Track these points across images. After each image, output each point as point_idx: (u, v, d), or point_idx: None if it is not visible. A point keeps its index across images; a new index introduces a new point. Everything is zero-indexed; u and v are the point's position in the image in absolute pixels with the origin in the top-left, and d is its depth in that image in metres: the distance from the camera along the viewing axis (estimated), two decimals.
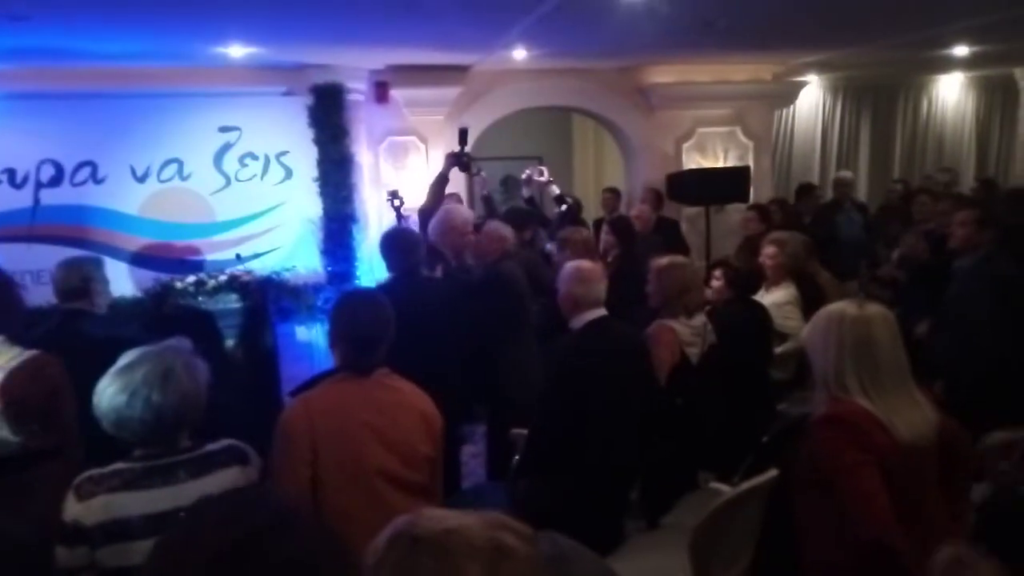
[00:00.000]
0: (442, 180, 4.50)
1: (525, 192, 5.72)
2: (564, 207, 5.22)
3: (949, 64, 7.85)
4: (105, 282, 3.24)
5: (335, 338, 2.16)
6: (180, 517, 1.70)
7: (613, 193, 7.02)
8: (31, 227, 5.45)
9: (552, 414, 2.72)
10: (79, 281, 3.12)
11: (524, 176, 5.65)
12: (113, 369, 1.76)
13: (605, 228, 5.22)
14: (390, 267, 3.57)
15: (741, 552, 2.63)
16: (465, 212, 4.16)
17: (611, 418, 2.65)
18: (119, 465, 1.75)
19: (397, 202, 5.46)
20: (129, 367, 1.75)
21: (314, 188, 5.86)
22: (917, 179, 8.27)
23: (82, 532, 1.68)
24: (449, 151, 4.89)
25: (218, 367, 3.20)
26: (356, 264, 5.99)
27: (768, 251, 4.18)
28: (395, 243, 3.55)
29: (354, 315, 2.15)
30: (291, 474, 1.98)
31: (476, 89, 6.35)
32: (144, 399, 1.71)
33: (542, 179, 5.45)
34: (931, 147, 9.12)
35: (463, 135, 4.80)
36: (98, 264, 3.33)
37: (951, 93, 9.09)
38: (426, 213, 4.26)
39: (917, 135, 9.07)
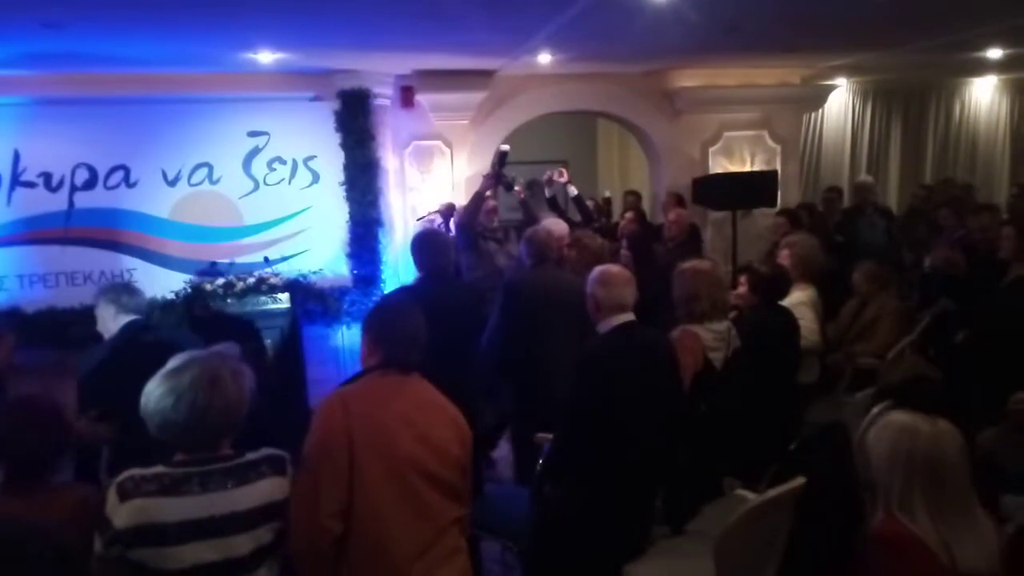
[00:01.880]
0: (479, 198, 4.89)
1: (547, 193, 5.77)
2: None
3: (982, 67, 7.71)
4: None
5: (376, 339, 2.15)
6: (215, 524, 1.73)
7: (635, 197, 7.02)
8: (66, 229, 5.58)
9: (577, 418, 2.71)
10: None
11: (545, 178, 5.78)
12: (162, 372, 1.78)
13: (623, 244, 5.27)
14: (420, 267, 3.63)
15: (767, 561, 2.60)
16: (563, 226, 4.39)
17: (636, 423, 2.64)
18: (160, 468, 1.75)
19: (438, 218, 5.59)
20: (177, 371, 1.77)
21: (341, 192, 5.92)
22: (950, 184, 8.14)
23: (115, 532, 1.70)
24: (487, 173, 5.16)
25: (260, 373, 3.25)
26: (381, 267, 6.03)
27: (781, 254, 4.19)
28: (426, 244, 3.64)
29: (398, 316, 2.19)
30: (328, 465, 1.93)
31: (501, 94, 6.37)
32: (190, 403, 1.72)
33: (562, 180, 5.59)
34: (964, 151, 8.96)
35: (503, 158, 5.04)
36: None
37: (984, 96, 8.93)
38: (462, 226, 4.77)
39: (949, 139, 8.91)
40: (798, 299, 4.00)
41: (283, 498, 1.84)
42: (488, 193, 5.04)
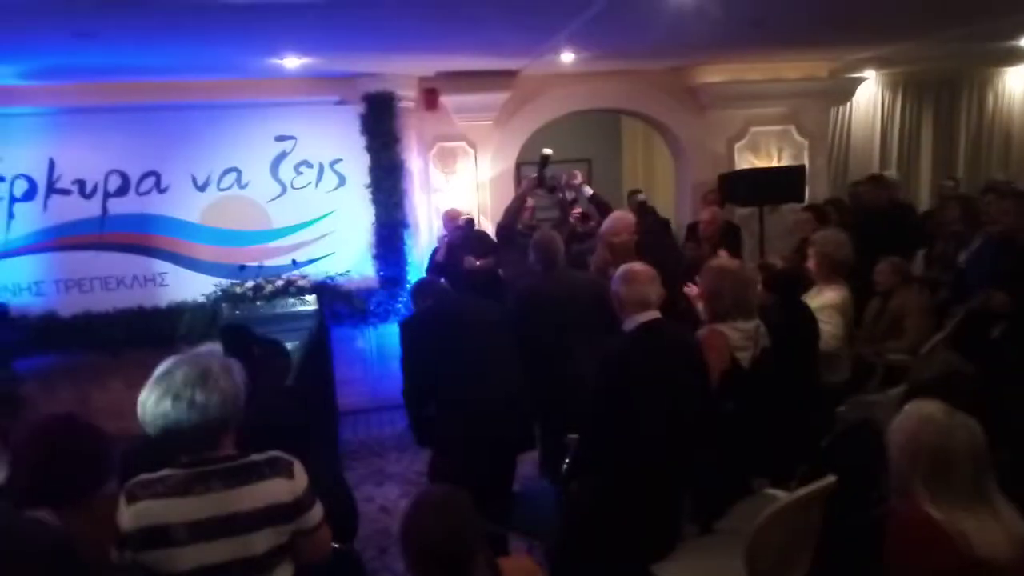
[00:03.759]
0: (521, 200, 5.07)
1: (562, 196, 5.80)
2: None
3: (1016, 56, 7.54)
4: None
5: (408, 563, 1.79)
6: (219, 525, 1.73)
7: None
8: (100, 235, 5.70)
9: (602, 417, 2.70)
10: None
11: (561, 182, 5.80)
12: (152, 379, 1.77)
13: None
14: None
15: (797, 560, 2.58)
16: (630, 217, 4.43)
17: (661, 421, 2.62)
18: (165, 471, 1.76)
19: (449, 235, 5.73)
20: (167, 373, 1.77)
21: (366, 195, 5.98)
22: (983, 178, 7.96)
23: (124, 535, 1.72)
24: (531, 176, 5.25)
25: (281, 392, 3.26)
26: (407, 268, 6.08)
27: (809, 251, 4.10)
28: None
29: (424, 523, 1.78)
30: None
31: (524, 93, 6.37)
32: (188, 400, 1.73)
33: (576, 182, 5.60)
34: (997, 143, 8.75)
35: (546, 160, 5.13)
36: None
37: (1018, 86, 8.72)
38: (505, 228, 4.95)
39: (983, 131, 8.71)
40: (826, 301, 3.90)
41: (290, 500, 1.81)
42: (583, 207, 5.28)
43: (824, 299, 3.87)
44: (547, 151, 5.19)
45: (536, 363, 3.49)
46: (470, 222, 5.89)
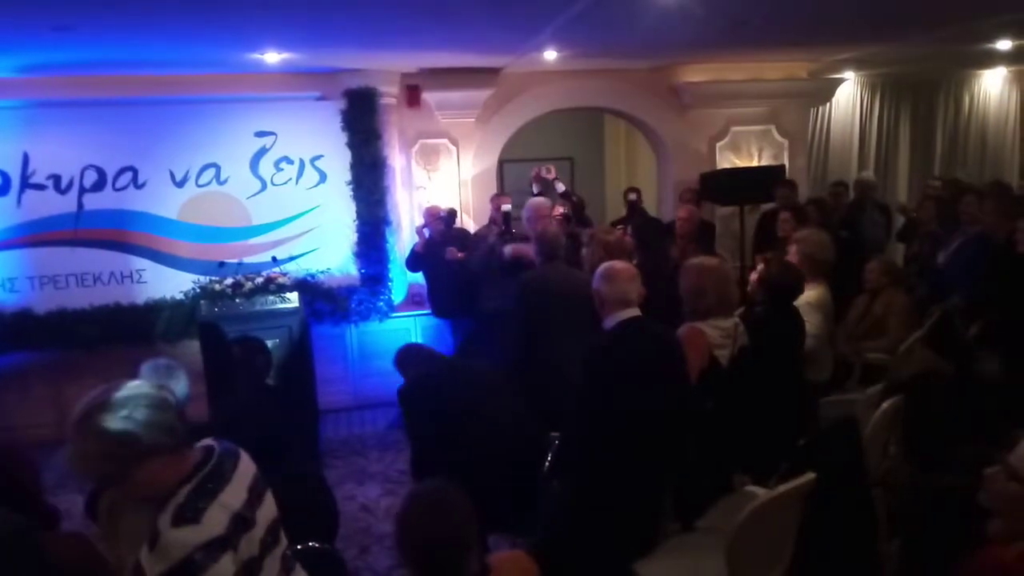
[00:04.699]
0: (491, 249, 5.04)
1: (535, 189, 5.84)
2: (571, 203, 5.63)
3: (992, 58, 7.65)
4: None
5: (404, 559, 1.80)
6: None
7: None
8: (75, 231, 5.61)
9: (583, 415, 2.70)
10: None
11: (533, 173, 5.92)
12: (117, 400, 1.58)
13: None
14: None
15: (778, 556, 2.59)
16: (545, 201, 4.72)
17: (642, 419, 2.63)
18: (193, 482, 1.64)
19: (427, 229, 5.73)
20: (135, 388, 1.63)
21: (348, 191, 5.94)
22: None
23: (222, 541, 1.59)
24: (495, 225, 5.45)
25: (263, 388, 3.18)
26: (389, 266, 6.04)
27: (790, 250, 4.13)
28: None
29: (420, 521, 1.78)
30: None
31: (507, 91, 6.36)
32: (169, 397, 1.66)
33: (549, 176, 5.73)
34: (973, 144, 8.88)
35: (507, 216, 5.28)
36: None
37: (994, 88, 8.85)
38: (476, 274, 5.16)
39: (959, 132, 8.84)
40: (806, 299, 3.94)
41: None
42: (554, 203, 5.29)
43: (805, 297, 3.91)
44: (507, 207, 5.33)
45: (529, 349, 3.50)
46: (452, 213, 5.87)
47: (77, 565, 1.91)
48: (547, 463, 3.12)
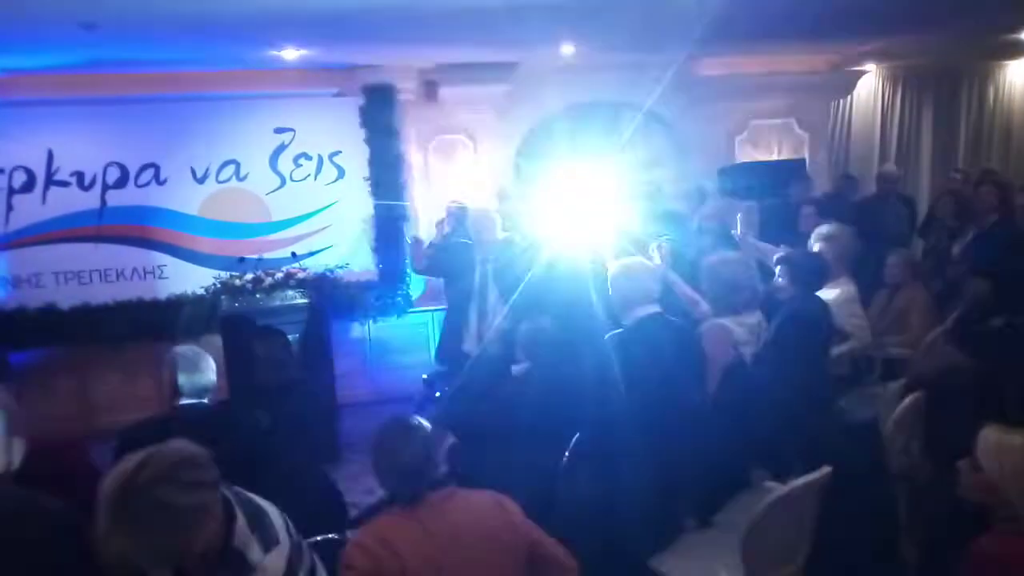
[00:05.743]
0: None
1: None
2: None
3: (1017, 49, 7.52)
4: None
5: (379, 474, 2.06)
6: None
7: None
8: (98, 227, 5.69)
9: (603, 410, 2.70)
10: None
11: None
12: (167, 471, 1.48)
13: None
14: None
15: (794, 551, 2.58)
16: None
17: (660, 414, 2.63)
18: (239, 513, 1.63)
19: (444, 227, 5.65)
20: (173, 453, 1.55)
21: (366, 187, 5.97)
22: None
23: (297, 547, 1.72)
24: None
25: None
26: (406, 261, 6.06)
27: (819, 248, 4.06)
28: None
29: (393, 446, 2.04)
30: None
31: (524, 86, 6.35)
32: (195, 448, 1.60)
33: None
34: (998, 137, 8.72)
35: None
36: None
37: (1019, 80, 8.69)
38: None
39: (983, 125, 8.69)
40: (844, 296, 3.90)
41: None
42: None
43: (838, 294, 3.86)
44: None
45: None
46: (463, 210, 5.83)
47: None
48: (564, 457, 3.12)
